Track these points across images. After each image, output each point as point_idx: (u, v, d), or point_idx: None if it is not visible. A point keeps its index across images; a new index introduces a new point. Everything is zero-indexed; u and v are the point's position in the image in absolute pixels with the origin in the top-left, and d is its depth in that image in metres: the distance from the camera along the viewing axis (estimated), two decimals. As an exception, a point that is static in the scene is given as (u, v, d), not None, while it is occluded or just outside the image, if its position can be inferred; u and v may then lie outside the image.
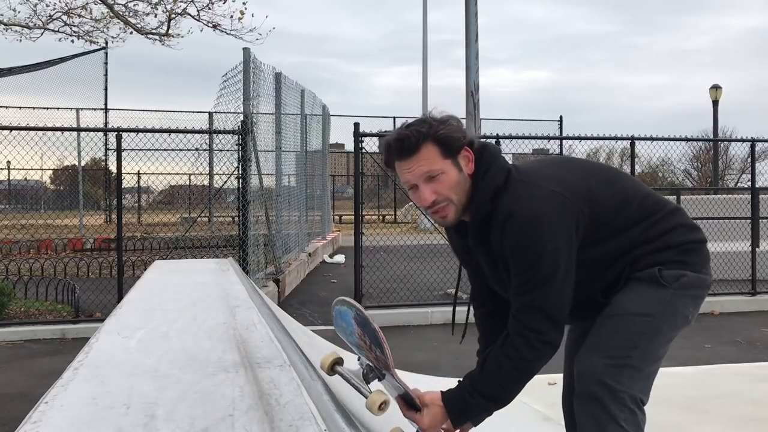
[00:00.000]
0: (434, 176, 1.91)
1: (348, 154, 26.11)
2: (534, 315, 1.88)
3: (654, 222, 2.01)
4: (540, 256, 1.85)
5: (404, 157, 1.92)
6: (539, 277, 1.87)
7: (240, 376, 1.49)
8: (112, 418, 1.24)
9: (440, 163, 1.91)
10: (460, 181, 1.93)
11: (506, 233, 1.88)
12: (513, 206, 1.88)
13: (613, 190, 2.01)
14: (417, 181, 1.93)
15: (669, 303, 1.97)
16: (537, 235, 1.85)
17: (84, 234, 15.03)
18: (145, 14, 11.84)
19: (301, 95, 12.03)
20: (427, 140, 1.90)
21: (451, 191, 1.92)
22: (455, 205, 1.95)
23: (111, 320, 2.19)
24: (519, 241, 1.87)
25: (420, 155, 1.90)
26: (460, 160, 1.94)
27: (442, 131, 1.90)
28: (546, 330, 1.88)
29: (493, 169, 1.96)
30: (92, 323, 6.44)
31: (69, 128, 11.30)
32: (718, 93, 20.52)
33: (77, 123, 17.26)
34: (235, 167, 7.55)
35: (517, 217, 1.87)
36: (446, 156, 1.91)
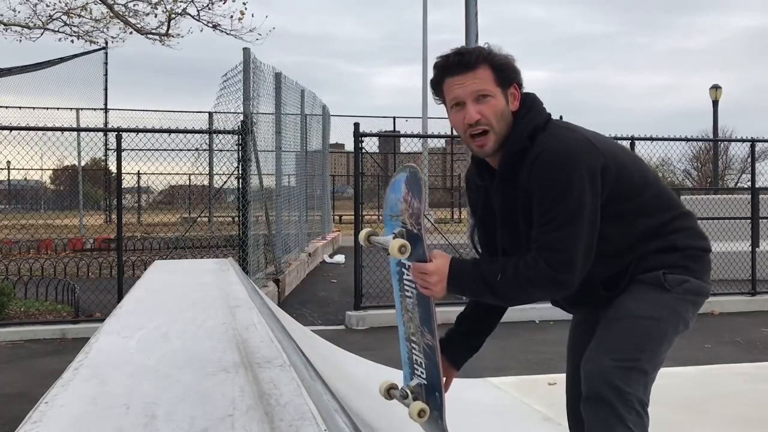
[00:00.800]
0: (484, 96, 1.95)
1: (348, 154, 26.12)
2: (554, 254, 1.88)
3: (668, 218, 2.03)
4: (567, 191, 1.87)
5: (459, 72, 1.95)
6: (565, 214, 1.87)
7: (240, 376, 1.49)
8: (112, 418, 1.24)
9: (493, 88, 1.96)
10: (505, 112, 1.98)
11: (536, 166, 1.91)
12: (548, 142, 1.92)
13: (639, 169, 2.05)
14: (466, 98, 1.95)
15: (672, 307, 1.98)
16: (567, 169, 1.87)
17: (84, 234, 15.03)
18: (145, 14, 11.85)
19: (301, 95, 12.03)
20: (486, 62, 1.96)
21: (495, 117, 1.96)
22: (495, 134, 1.97)
23: (111, 320, 2.19)
24: (547, 174, 1.89)
25: (476, 73, 1.95)
26: (509, 94, 1.99)
27: (502, 59, 1.97)
28: (562, 269, 1.88)
29: (535, 111, 2.02)
30: (92, 323, 6.44)
31: (69, 128, 11.30)
32: (718, 93, 20.52)
33: (77, 123, 17.26)
34: (235, 167, 7.55)
35: (550, 152, 1.90)
36: (499, 83, 1.96)
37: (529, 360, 5.61)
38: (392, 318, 7.34)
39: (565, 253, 1.87)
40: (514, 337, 6.23)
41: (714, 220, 8.36)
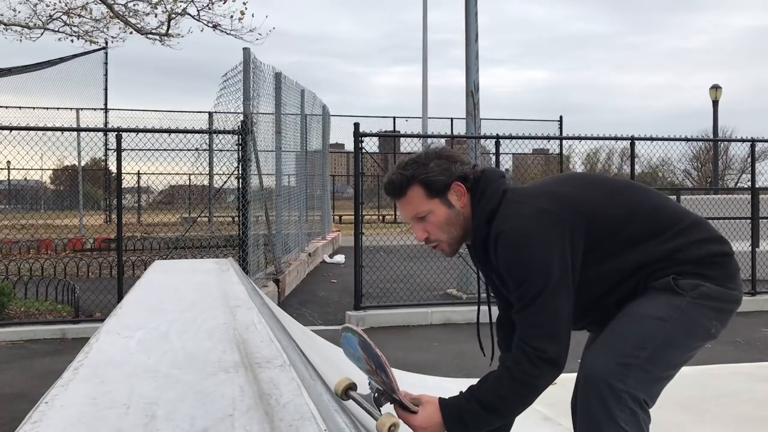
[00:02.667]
0: (422, 217, 2.02)
1: (348, 154, 26.11)
2: (531, 332, 1.88)
3: (667, 238, 1.97)
4: (528, 271, 1.87)
5: (395, 198, 2.05)
6: (531, 292, 1.87)
7: (240, 376, 1.49)
8: (112, 418, 1.24)
9: (426, 205, 2.00)
10: (450, 218, 2.01)
11: (498, 253, 1.93)
12: (501, 226, 1.92)
13: (619, 201, 2.00)
14: (408, 220, 2.06)
15: (684, 310, 1.92)
16: (523, 251, 1.87)
17: (84, 234, 15.02)
18: (145, 14, 11.84)
19: (301, 95, 12.02)
20: (413, 183, 2.00)
21: (439, 230, 2.03)
22: (447, 242, 2.05)
23: (111, 320, 2.19)
24: (508, 259, 1.91)
25: (407, 198, 2.02)
26: (450, 197, 2.01)
27: (424, 175, 1.99)
28: (543, 347, 1.86)
29: (488, 193, 2.01)
30: (92, 323, 6.44)
31: (69, 128, 11.29)
32: (718, 93, 20.52)
33: (77, 123, 17.25)
34: (235, 167, 7.55)
35: (505, 236, 1.91)
36: (432, 196, 2.00)
37: (529, 360, 5.60)
38: (392, 318, 7.38)
39: (541, 327, 1.86)
40: (514, 337, 6.22)
41: (714, 220, 8.36)
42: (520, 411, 1.95)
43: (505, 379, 1.89)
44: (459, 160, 2.04)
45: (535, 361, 1.85)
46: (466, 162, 2.05)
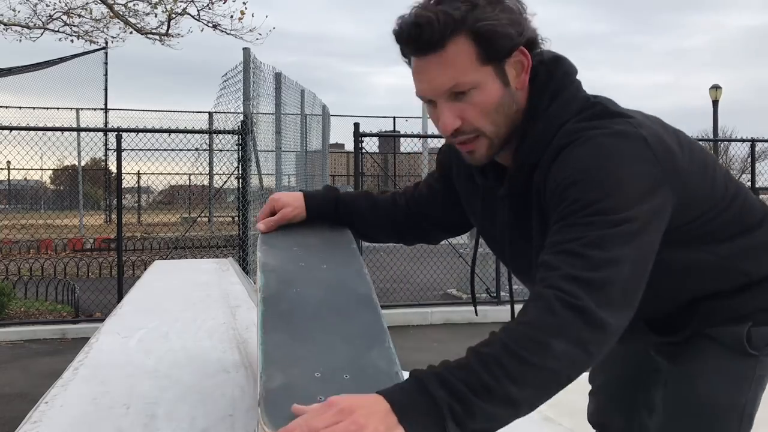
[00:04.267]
0: (463, 92, 1.23)
1: (348, 154, 26.12)
2: (574, 271, 1.09)
3: (746, 238, 1.38)
4: (610, 191, 1.13)
5: (420, 53, 1.23)
6: (598, 219, 1.12)
7: (240, 376, 1.49)
8: (112, 418, 1.24)
9: (474, 73, 1.22)
10: (503, 101, 1.25)
11: (560, 163, 1.20)
12: (582, 135, 1.21)
13: (710, 170, 1.34)
14: (435, 96, 1.25)
15: (757, 380, 1.41)
16: (613, 169, 1.15)
17: (84, 234, 15.03)
18: (145, 14, 11.84)
19: (301, 95, 12.03)
20: (460, 32, 1.20)
21: (484, 118, 1.25)
22: (489, 138, 1.27)
23: (111, 320, 2.19)
24: (579, 170, 1.16)
25: (445, 55, 1.21)
26: (507, 68, 1.25)
27: (487, 22, 1.20)
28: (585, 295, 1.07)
29: (566, 94, 1.29)
30: (92, 323, 6.44)
31: (69, 128, 11.30)
32: (718, 93, 20.53)
33: (77, 123, 17.26)
34: (235, 167, 7.55)
35: (586, 145, 1.19)
36: (486, 60, 1.22)
37: (529, 360, 5.61)
38: (392, 318, 7.37)
39: (597, 268, 1.09)
40: (514, 337, 6.23)
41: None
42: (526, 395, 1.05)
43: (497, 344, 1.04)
44: (526, 10, 1.26)
45: (561, 304, 1.06)
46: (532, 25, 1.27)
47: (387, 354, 1.16)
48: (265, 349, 1.11)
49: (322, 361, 1.10)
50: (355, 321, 1.24)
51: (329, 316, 1.22)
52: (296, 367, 1.07)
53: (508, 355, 1.03)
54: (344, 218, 1.64)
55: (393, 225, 1.66)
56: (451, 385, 1.00)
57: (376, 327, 1.24)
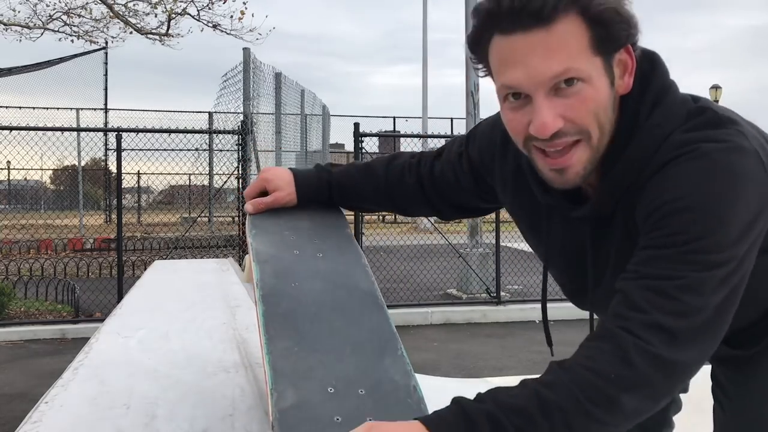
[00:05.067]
0: (571, 81, 1.00)
1: (348, 154, 26.11)
2: (655, 315, 0.97)
3: None
4: (718, 223, 0.98)
5: (520, 28, 0.99)
6: (701, 259, 0.98)
7: (240, 376, 1.49)
8: (112, 418, 1.24)
9: (586, 60, 1.01)
10: (609, 104, 1.05)
11: (666, 178, 1.02)
12: (697, 147, 1.02)
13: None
14: (534, 87, 1.01)
15: None
16: (728, 191, 0.99)
17: (84, 234, 15.02)
18: (145, 14, 11.85)
19: (301, 95, 12.03)
20: (573, 9, 0.99)
21: (593, 118, 1.03)
22: (591, 148, 1.05)
23: (111, 320, 2.19)
24: (690, 194, 0.99)
25: (554, 32, 0.99)
26: (615, 66, 1.05)
27: (603, 3, 1.00)
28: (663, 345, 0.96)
29: (670, 99, 1.08)
30: (92, 323, 6.44)
31: (69, 128, 11.30)
32: (717, 93, 20.55)
33: (77, 123, 17.26)
34: (235, 167, 7.55)
35: (702, 161, 1.00)
36: (599, 49, 1.02)
37: (529, 360, 5.61)
38: (392, 318, 7.37)
39: (683, 315, 0.97)
40: (514, 336, 6.23)
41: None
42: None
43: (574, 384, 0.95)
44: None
45: (640, 355, 0.95)
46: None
47: (401, 364, 1.10)
48: (271, 360, 1.05)
49: (334, 373, 1.04)
50: (362, 323, 1.17)
51: (334, 318, 1.16)
52: (307, 380, 1.01)
53: (573, 406, 0.93)
54: (341, 203, 1.54)
55: (398, 204, 1.54)
56: (503, 428, 0.91)
57: (385, 331, 1.17)
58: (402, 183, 1.48)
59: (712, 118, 1.07)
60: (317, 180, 1.50)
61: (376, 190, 1.50)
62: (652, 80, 1.09)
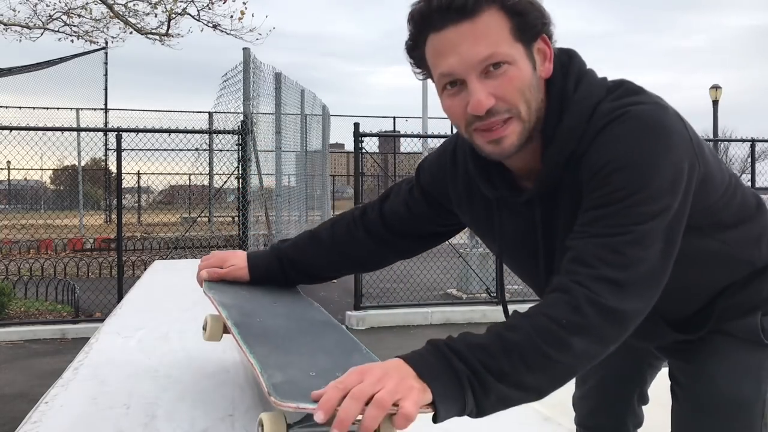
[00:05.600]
0: (498, 65, 1.15)
1: (348, 154, 26.11)
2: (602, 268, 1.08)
3: (747, 225, 1.37)
4: (652, 176, 1.11)
5: (451, 22, 1.15)
6: (640, 209, 1.10)
7: (240, 376, 1.49)
8: (112, 418, 1.24)
9: (510, 46, 1.16)
10: (534, 84, 1.19)
11: (602, 143, 1.15)
12: (625, 111, 1.16)
13: (716, 159, 1.30)
14: (466, 71, 1.15)
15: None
16: (657, 144, 1.12)
17: (84, 234, 15.02)
18: (145, 14, 11.85)
19: (301, 95, 12.03)
20: (493, 2, 1.15)
21: (520, 96, 1.17)
22: (522, 122, 1.18)
23: (111, 320, 2.19)
24: (626, 153, 1.12)
25: (479, 23, 1.14)
26: (535, 53, 1.20)
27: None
28: (609, 294, 1.07)
29: (590, 77, 1.25)
30: (92, 323, 6.45)
31: (69, 128, 11.30)
32: (718, 93, 20.54)
33: (77, 123, 17.26)
34: (235, 167, 7.55)
35: (631, 122, 1.14)
36: (518, 37, 1.17)
37: (529, 360, 5.61)
38: (392, 318, 7.37)
39: (628, 267, 1.09)
40: (514, 337, 6.23)
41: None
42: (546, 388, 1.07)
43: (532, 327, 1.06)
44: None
45: (589, 305, 1.06)
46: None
47: (369, 357, 1.20)
48: (256, 357, 1.13)
49: (313, 364, 1.13)
50: (327, 338, 1.30)
51: (301, 337, 1.27)
52: (291, 368, 1.10)
53: (528, 344, 1.05)
54: (297, 277, 1.60)
55: (356, 260, 1.61)
56: (471, 363, 1.03)
57: (349, 341, 1.28)
58: (352, 239, 1.57)
59: (630, 87, 1.24)
60: (267, 254, 1.59)
61: (328, 253, 1.57)
62: (571, 66, 1.25)
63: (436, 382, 1.00)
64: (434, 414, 1.01)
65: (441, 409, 1.00)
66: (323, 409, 0.95)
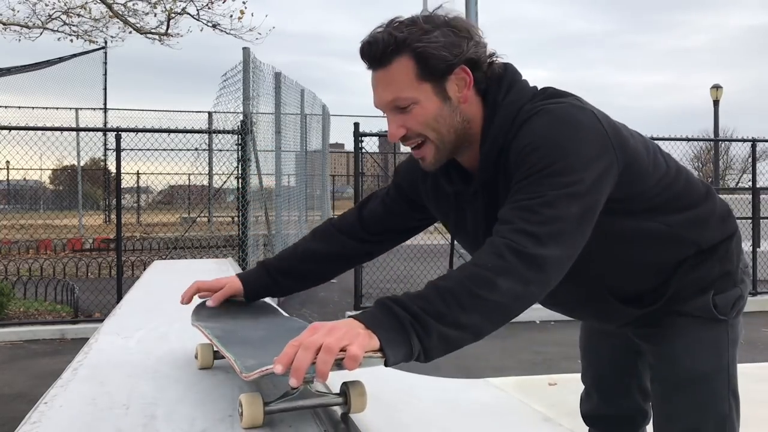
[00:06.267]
0: (404, 107, 1.41)
1: (348, 154, 26.11)
2: (520, 224, 1.27)
3: (693, 210, 1.55)
4: (561, 156, 1.30)
5: (371, 67, 1.43)
6: (551, 180, 1.29)
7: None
8: (112, 418, 1.23)
9: (412, 90, 1.39)
10: (442, 114, 1.41)
11: (522, 133, 1.36)
12: (542, 108, 1.38)
13: (651, 152, 1.50)
14: (383, 108, 1.46)
15: (732, 342, 1.62)
16: (568, 133, 1.33)
17: (83, 234, 15.03)
18: (144, 14, 11.86)
19: (301, 95, 12.02)
20: (402, 52, 1.37)
21: (425, 127, 1.41)
22: (434, 143, 1.43)
23: (110, 320, 2.19)
24: (539, 136, 1.33)
25: (389, 72, 1.39)
26: (449, 84, 1.40)
27: (422, 44, 1.36)
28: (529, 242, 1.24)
29: (520, 85, 1.46)
30: (92, 323, 6.44)
31: (68, 128, 11.30)
32: (718, 93, 20.54)
33: (76, 123, 17.26)
34: (235, 167, 7.55)
35: (546, 115, 1.36)
36: (424, 78, 1.38)
37: (529, 360, 5.61)
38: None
39: (544, 224, 1.26)
40: (514, 337, 6.22)
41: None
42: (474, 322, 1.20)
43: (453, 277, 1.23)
44: (473, 36, 1.41)
45: (510, 252, 1.23)
46: (482, 43, 1.43)
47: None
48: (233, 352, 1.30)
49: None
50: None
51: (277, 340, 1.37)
52: (263, 357, 1.21)
53: (460, 288, 1.20)
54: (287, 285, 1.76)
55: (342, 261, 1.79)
56: (411, 309, 1.16)
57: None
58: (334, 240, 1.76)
59: (553, 92, 1.46)
60: (255, 269, 1.75)
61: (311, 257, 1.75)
62: (504, 76, 1.46)
63: (380, 330, 1.13)
64: (385, 359, 1.13)
65: (390, 354, 1.12)
66: (281, 362, 1.09)
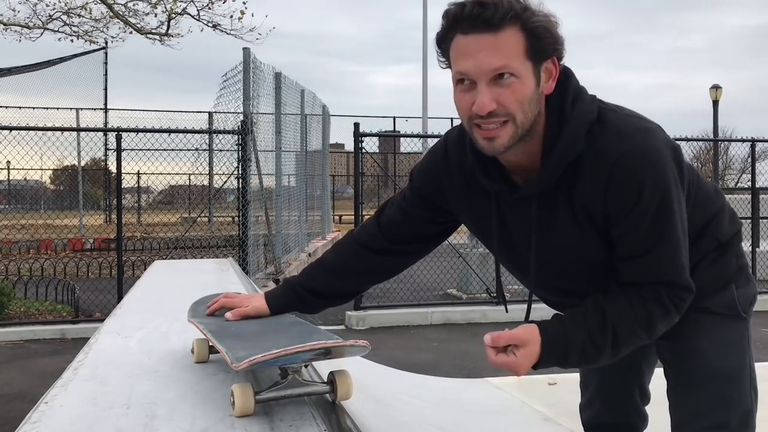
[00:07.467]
0: (505, 75, 1.33)
1: (348, 154, 26.11)
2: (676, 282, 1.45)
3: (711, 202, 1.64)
4: (669, 203, 1.41)
5: (475, 30, 1.32)
6: (672, 232, 1.42)
7: (240, 376, 1.49)
8: (112, 418, 1.24)
9: (520, 63, 1.34)
10: (534, 98, 1.38)
11: (619, 175, 1.39)
12: (623, 143, 1.40)
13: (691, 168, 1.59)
14: (479, 77, 1.34)
15: (749, 339, 1.65)
16: (662, 176, 1.40)
17: (84, 234, 15.02)
18: (144, 14, 11.85)
19: (301, 95, 12.02)
20: (518, 22, 1.33)
21: (518, 106, 1.35)
22: (516, 127, 1.37)
23: (111, 320, 2.19)
24: (639, 184, 1.38)
25: (499, 37, 1.32)
26: (542, 71, 1.39)
27: (541, 21, 1.35)
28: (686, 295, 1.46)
29: (583, 97, 1.44)
30: (92, 323, 6.44)
31: (69, 128, 11.30)
32: (718, 93, 20.53)
33: (77, 123, 17.25)
34: (235, 167, 7.55)
35: (636, 154, 1.39)
36: (530, 56, 1.35)
37: (529, 360, 5.60)
38: (392, 318, 7.37)
39: (682, 275, 1.45)
40: (514, 337, 6.22)
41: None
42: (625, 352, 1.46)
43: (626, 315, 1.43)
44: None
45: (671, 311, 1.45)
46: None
47: (327, 335, 1.36)
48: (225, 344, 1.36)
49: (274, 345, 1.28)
50: (291, 330, 1.48)
51: (269, 332, 1.45)
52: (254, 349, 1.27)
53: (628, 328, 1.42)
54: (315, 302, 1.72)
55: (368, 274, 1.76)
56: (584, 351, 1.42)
57: (310, 328, 1.46)
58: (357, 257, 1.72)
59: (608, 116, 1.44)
60: (282, 288, 1.73)
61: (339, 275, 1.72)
62: (568, 85, 1.44)
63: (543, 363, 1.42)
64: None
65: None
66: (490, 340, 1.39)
